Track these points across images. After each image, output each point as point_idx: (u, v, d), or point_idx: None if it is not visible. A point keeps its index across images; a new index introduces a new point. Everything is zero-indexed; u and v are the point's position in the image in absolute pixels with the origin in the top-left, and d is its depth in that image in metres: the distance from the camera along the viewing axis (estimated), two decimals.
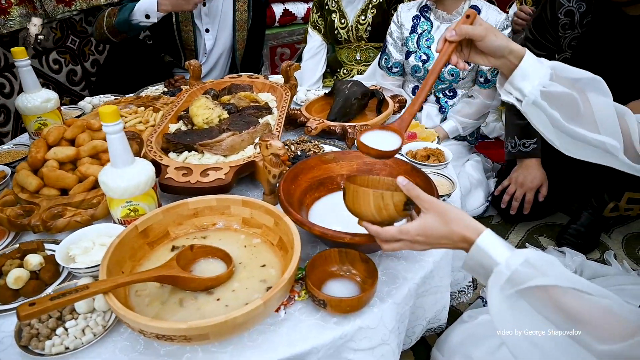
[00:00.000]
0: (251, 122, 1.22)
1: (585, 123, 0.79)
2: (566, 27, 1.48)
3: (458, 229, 0.68)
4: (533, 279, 0.60)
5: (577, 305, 0.59)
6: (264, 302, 0.68)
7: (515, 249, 0.65)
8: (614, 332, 0.57)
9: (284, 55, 2.83)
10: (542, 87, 0.76)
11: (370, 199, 0.72)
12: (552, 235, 1.71)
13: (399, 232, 0.72)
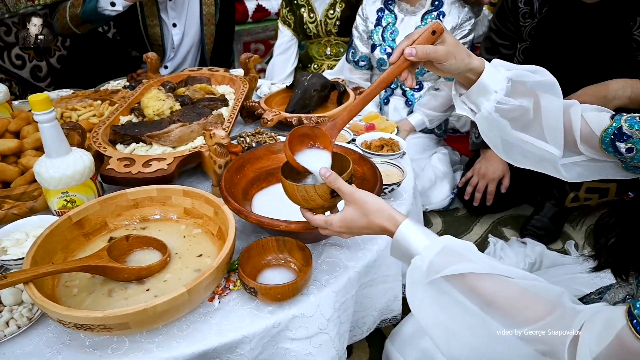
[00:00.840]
0: (203, 113, 1.20)
1: (533, 130, 0.79)
2: (526, 16, 1.48)
3: (377, 220, 0.68)
4: (449, 266, 0.60)
5: (493, 288, 0.58)
6: (187, 290, 0.67)
7: (434, 237, 0.65)
8: (530, 313, 0.56)
9: (258, 51, 2.81)
10: (497, 104, 0.76)
11: (295, 191, 0.72)
12: (516, 226, 1.72)
13: (324, 223, 0.73)
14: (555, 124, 0.78)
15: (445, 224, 1.76)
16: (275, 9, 2.79)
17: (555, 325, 0.54)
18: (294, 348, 0.80)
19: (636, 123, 0.73)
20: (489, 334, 0.58)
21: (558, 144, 0.78)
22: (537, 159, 0.81)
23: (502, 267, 0.60)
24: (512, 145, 0.82)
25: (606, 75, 1.36)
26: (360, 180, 0.99)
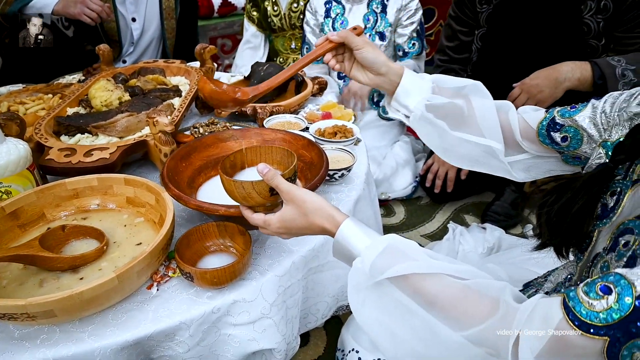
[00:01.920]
0: (153, 103, 1.18)
1: (470, 128, 0.81)
2: (482, 2, 1.51)
3: (317, 220, 0.65)
4: (392, 267, 0.57)
5: (436, 289, 0.56)
6: (116, 275, 0.65)
7: (376, 237, 0.62)
8: (474, 313, 0.54)
9: (225, 46, 2.79)
10: (427, 101, 0.79)
11: (233, 188, 0.69)
12: (477, 213, 1.74)
13: (263, 222, 0.70)
14: (490, 119, 0.79)
15: (408, 213, 1.77)
16: (241, 4, 2.77)
17: (498, 326, 0.52)
18: (236, 334, 0.79)
19: (567, 112, 0.75)
20: (436, 338, 0.56)
21: (497, 138, 0.80)
22: (479, 158, 0.83)
23: (445, 265, 0.58)
24: (451, 146, 0.84)
25: (560, 58, 1.38)
26: (308, 165, 0.99)
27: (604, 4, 1.30)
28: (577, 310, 0.48)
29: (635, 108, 0.66)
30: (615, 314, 0.45)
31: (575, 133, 0.73)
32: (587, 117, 0.71)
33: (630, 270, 0.47)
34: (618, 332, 0.45)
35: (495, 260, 1.22)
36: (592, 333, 0.46)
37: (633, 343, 0.44)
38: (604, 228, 0.64)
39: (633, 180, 0.62)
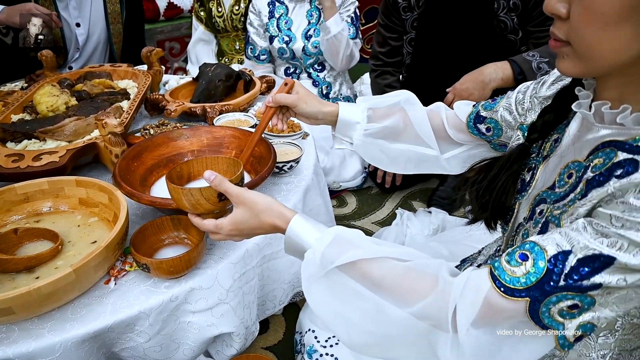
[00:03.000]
0: (101, 107, 1.19)
1: (409, 138, 0.91)
2: (406, 10, 1.61)
3: (268, 219, 0.67)
4: (340, 257, 0.61)
5: (382, 272, 0.61)
6: (73, 270, 0.68)
7: (325, 229, 0.65)
8: (416, 291, 0.59)
9: (174, 49, 2.78)
10: (364, 131, 0.90)
11: (181, 196, 0.70)
12: (424, 199, 1.85)
13: (215, 227, 0.71)
14: (425, 127, 0.90)
15: (359, 202, 1.85)
16: (187, 6, 2.76)
17: (438, 300, 0.58)
18: (195, 320, 0.83)
19: (489, 105, 0.85)
20: (385, 317, 0.60)
21: (433, 144, 0.90)
22: (420, 161, 0.93)
23: (388, 250, 0.63)
24: (395, 156, 0.94)
25: (485, 54, 1.51)
26: (258, 159, 1.04)
27: (513, 2, 1.44)
28: (501, 278, 0.54)
29: (544, 92, 0.76)
30: (533, 277, 0.52)
31: (496, 124, 0.82)
32: (504, 108, 0.81)
33: (542, 237, 0.55)
34: (536, 292, 0.52)
35: (438, 239, 1.32)
36: (516, 296, 0.53)
37: (549, 300, 0.52)
38: (523, 200, 0.73)
39: (544, 156, 0.71)
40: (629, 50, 0.51)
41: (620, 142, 0.55)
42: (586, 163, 0.59)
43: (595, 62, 0.54)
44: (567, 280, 0.51)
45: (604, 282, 0.49)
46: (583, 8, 0.51)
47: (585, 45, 0.53)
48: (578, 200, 0.56)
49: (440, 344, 0.58)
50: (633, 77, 0.54)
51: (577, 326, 0.52)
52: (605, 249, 0.49)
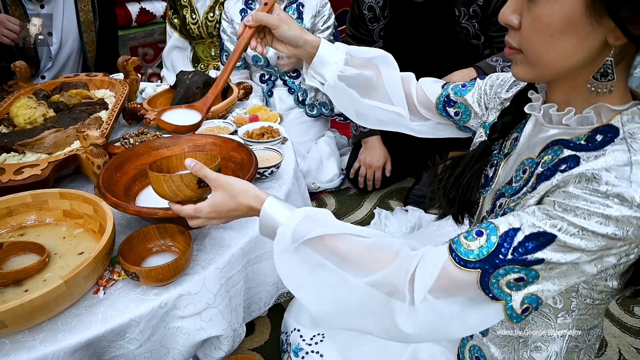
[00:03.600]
0: (80, 118, 1.20)
1: (379, 95, 0.91)
2: (372, 21, 1.67)
3: (244, 200, 0.72)
4: (310, 231, 0.66)
5: (347, 247, 0.66)
6: (64, 281, 0.70)
7: (295, 209, 0.70)
8: (377, 263, 0.64)
9: (147, 55, 2.76)
10: (339, 72, 0.87)
11: (163, 183, 0.74)
12: (400, 197, 1.91)
13: (194, 211, 0.75)
14: (397, 88, 0.90)
15: (338, 203, 1.90)
16: (160, 12, 2.75)
17: (398, 270, 0.62)
18: (184, 325, 0.85)
19: (459, 90, 0.89)
20: (346, 287, 0.65)
21: (403, 105, 0.91)
22: (388, 121, 0.94)
23: (353, 228, 0.68)
24: (363, 112, 0.93)
25: (452, 58, 1.58)
26: (239, 165, 1.06)
27: (473, 9, 1.52)
28: (458, 251, 0.59)
29: (504, 95, 0.81)
30: (485, 250, 0.58)
31: (465, 109, 0.86)
32: (474, 97, 0.85)
33: (497, 218, 0.60)
34: (487, 264, 0.57)
35: (415, 237, 1.37)
36: (469, 267, 0.58)
37: (497, 272, 0.57)
38: (487, 195, 0.79)
39: (505, 154, 0.77)
40: (572, 58, 0.57)
41: (566, 140, 0.62)
42: (538, 159, 0.65)
43: (544, 68, 0.59)
44: (514, 254, 0.56)
45: (546, 257, 0.55)
46: (532, 20, 0.57)
47: (534, 53, 0.59)
48: (529, 193, 0.62)
49: (398, 311, 0.62)
50: (577, 82, 0.60)
51: (522, 297, 0.58)
52: (548, 228, 0.55)
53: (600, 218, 0.52)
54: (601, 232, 0.52)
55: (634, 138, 0.55)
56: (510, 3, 0.60)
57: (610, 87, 0.58)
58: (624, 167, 0.52)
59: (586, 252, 0.54)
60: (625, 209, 0.51)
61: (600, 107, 0.59)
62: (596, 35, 0.54)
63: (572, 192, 0.54)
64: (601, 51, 0.56)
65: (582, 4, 0.52)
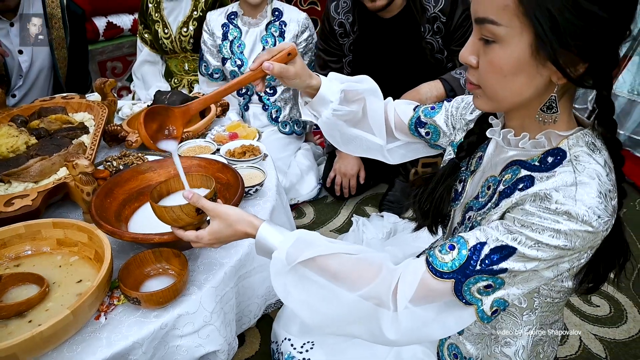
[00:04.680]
0: (63, 144, 1.22)
1: (363, 126, 1.01)
2: (343, 36, 1.76)
3: (240, 227, 0.79)
4: (302, 254, 0.73)
5: (336, 265, 0.73)
6: (71, 311, 0.74)
7: (287, 233, 0.77)
8: (364, 278, 0.72)
9: (116, 69, 2.75)
10: (334, 110, 0.94)
11: (164, 214, 0.80)
12: (375, 204, 2.00)
13: (196, 237, 0.82)
14: (379, 120, 0.99)
15: (316, 212, 1.97)
16: (128, 25, 2.75)
17: (382, 283, 0.71)
18: (183, 344, 0.90)
19: (429, 112, 0.97)
20: (338, 300, 0.73)
21: (382, 136, 1.00)
22: (368, 148, 1.03)
23: (341, 246, 0.76)
24: (349, 140, 1.02)
25: (419, 72, 1.68)
26: (225, 186, 1.12)
27: (437, 26, 1.63)
28: (434, 263, 0.68)
29: (469, 116, 0.90)
30: (457, 262, 0.66)
31: (435, 129, 0.95)
32: (442, 118, 0.94)
33: (467, 233, 0.69)
34: (459, 275, 0.66)
35: (392, 243, 1.46)
36: (444, 277, 0.67)
37: (469, 281, 0.66)
38: (457, 208, 0.87)
39: (471, 171, 0.85)
40: (523, 94, 0.65)
41: (523, 161, 0.71)
42: (500, 177, 0.75)
43: (500, 102, 0.68)
44: (482, 265, 0.65)
45: (509, 267, 0.64)
46: (488, 62, 0.65)
47: (491, 90, 0.67)
48: (492, 209, 0.71)
49: (384, 319, 0.71)
50: (529, 112, 0.69)
51: (491, 301, 0.67)
52: (509, 241, 0.64)
53: (552, 232, 0.61)
54: (553, 244, 0.61)
55: (578, 160, 0.64)
56: (468, 45, 0.68)
57: (555, 118, 0.67)
58: (571, 187, 0.61)
59: (543, 261, 0.63)
60: (572, 224, 0.60)
61: (550, 133, 0.69)
62: (542, 76, 0.63)
63: (528, 209, 0.63)
64: (547, 87, 0.65)
65: (528, 51, 0.61)
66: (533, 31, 0.59)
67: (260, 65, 0.84)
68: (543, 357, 0.88)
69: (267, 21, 1.88)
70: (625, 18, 0.58)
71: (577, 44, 0.58)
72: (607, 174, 0.64)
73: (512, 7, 0.59)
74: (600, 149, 0.67)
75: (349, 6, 1.71)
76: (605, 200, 0.61)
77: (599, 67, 0.60)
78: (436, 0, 1.60)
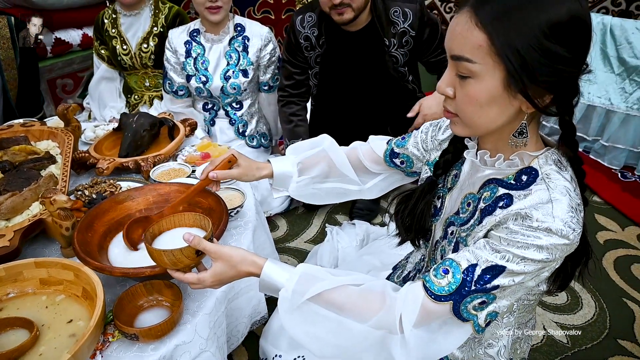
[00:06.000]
0: (32, 177, 1.18)
1: (334, 177, 1.08)
2: (309, 49, 1.80)
3: (244, 268, 0.81)
4: (308, 290, 0.77)
5: (342, 298, 0.77)
6: (72, 355, 0.73)
7: (292, 270, 0.80)
8: (370, 308, 0.77)
9: (67, 86, 2.64)
10: (297, 182, 1.06)
11: (164, 257, 0.79)
12: (346, 211, 2.05)
13: (197, 280, 0.82)
14: (347, 166, 1.07)
15: (289, 224, 2.00)
16: (77, 41, 2.64)
17: (388, 313, 0.76)
18: None
19: (400, 143, 1.04)
20: (347, 332, 0.77)
21: (355, 180, 1.08)
22: (347, 193, 1.12)
23: (344, 279, 0.80)
24: (326, 193, 1.11)
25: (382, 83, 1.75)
26: (207, 211, 1.12)
27: (405, 40, 1.71)
28: (431, 288, 0.74)
29: (441, 136, 0.97)
30: (453, 285, 0.72)
31: (408, 158, 1.02)
32: (412, 146, 1.00)
33: (457, 254, 0.75)
34: (456, 296, 0.72)
35: (368, 251, 1.51)
36: (443, 301, 0.73)
37: (465, 300, 0.72)
38: (437, 223, 0.94)
39: (448, 188, 0.92)
40: (497, 122, 0.72)
41: (499, 179, 0.78)
42: (479, 195, 0.82)
43: (476, 129, 0.75)
44: (476, 285, 0.71)
45: (500, 284, 0.70)
46: (464, 95, 0.72)
47: (467, 118, 0.74)
48: (477, 226, 0.78)
49: (393, 345, 0.76)
50: (502, 136, 0.77)
51: (485, 315, 0.74)
52: (498, 261, 0.70)
53: (536, 248, 0.68)
54: (537, 258, 0.68)
55: (550, 178, 0.72)
56: (445, 78, 0.74)
57: (525, 142, 0.75)
58: (547, 204, 0.69)
59: (528, 274, 0.70)
60: (552, 238, 0.67)
61: (522, 154, 0.76)
62: (513, 106, 0.70)
63: (512, 228, 0.70)
64: (517, 115, 0.72)
65: (501, 85, 0.67)
66: (505, 68, 0.66)
67: (207, 175, 1.01)
68: (520, 352, 0.96)
69: (229, 37, 1.89)
70: (582, 55, 0.66)
71: (544, 79, 0.65)
72: (575, 188, 0.72)
73: (485, 47, 0.66)
74: (566, 166, 0.75)
75: (314, 20, 1.76)
76: (576, 214, 0.69)
77: (562, 98, 0.68)
78: (405, 16, 1.69)
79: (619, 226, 2.02)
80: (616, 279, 1.72)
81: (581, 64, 0.67)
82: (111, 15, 2.11)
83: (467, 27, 0.67)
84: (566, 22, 0.63)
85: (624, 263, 1.81)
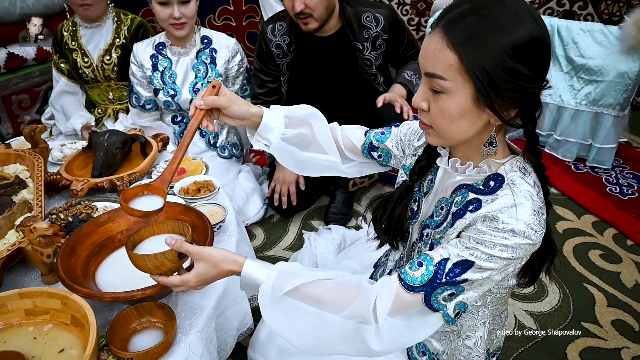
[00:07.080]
0: (4, 203, 1.15)
1: (315, 148, 1.07)
2: (280, 57, 1.83)
3: (225, 266, 0.85)
4: (286, 285, 0.82)
5: (319, 290, 0.83)
6: None
7: (271, 267, 0.85)
8: (345, 299, 0.82)
9: (23, 102, 2.54)
10: (282, 135, 1.01)
11: (146, 262, 0.81)
12: (321, 217, 2.09)
13: (181, 282, 0.85)
14: (328, 139, 1.06)
15: (266, 232, 2.02)
16: (32, 55, 2.55)
17: (362, 303, 0.81)
18: None
19: (380, 138, 1.07)
20: (324, 323, 0.82)
21: (335, 153, 1.07)
22: (325, 167, 1.09)
23: (321, 273, 0.85)
24: (303, 163, 1.08)
25: (355, 86, 1.81)
26: (192, 228, 1.13)
27: (379, 43, 1.79)
28: (406, 279, 0.80)
29: (416, 143, 1.02)
30: (425, 277, 0.78)
31: (387, 153, 1.05)
32: (392, 143, 1.04)
33: (431, 251, 0.81)
34: (428, 287, 0.78)
35: (347, 256, 1.56)
36: (415, 291, 0.79)
37: (436, 292, 0.78)
38: (414, 225, 0.99)
39: (424, 192, 0.98)
40: (467, 134, 0.79)
41: (469, 185, 0.85)
42: (451, 199, 0.88)
43: (449, 139, 0.82)
44: (447, 278, 0.78)
45: (468, 277, 0.77)
46: (437, 109, 0.78)
47: (441, 130, 0.80)
48: (449, 229, 0.84)
49: (367, 334, 0.81)
50: (472, 145, 0.83)
51: (454, 306, 0.80)
52: (468, 256, 0.77)
53: (502, 247, 0.75)
54: (503, 256, 0.75)
55: (514, 184, 0.79)
56: (420, 93, 0.80)
57: (495, 151, 0.82)
58: (511, 208, 0.76)
59: (495, 270, 0.77)
60: (516, 239, 0.74)
61: (490, 162, 0.83)
62: (482, 119, 0.77)
63: (480, 229, 0.77)
64: (486, 127, 0.79)
65: (471, 100, 0.74)
66: (474, 85, 0.72)
67: (196, 108, 0.91)
68: (496, 342, 1.04)
69: (196, 49, 1.88)
70: (543, 72, 0.73)
71: (509, 94, 0.72)
72: (537, 192, 0.79)
73: (456, 66, 0.72)
74: (530, 172, 0.82)
75: (284, 28, 1.79)
76: (538, 217, 0.76)
77: (526, 111, 0.75)
78: (377, 20, 1.77)
79: (575, 215, 2.16)
80: (576, 265, 1.85)
81: (542, 80, 0.74)
82: (70, 28, 2.06)
83: (440, 47, 0.73)
84: (527, 43, 0.70)
85: (582, 250, 1.94)
